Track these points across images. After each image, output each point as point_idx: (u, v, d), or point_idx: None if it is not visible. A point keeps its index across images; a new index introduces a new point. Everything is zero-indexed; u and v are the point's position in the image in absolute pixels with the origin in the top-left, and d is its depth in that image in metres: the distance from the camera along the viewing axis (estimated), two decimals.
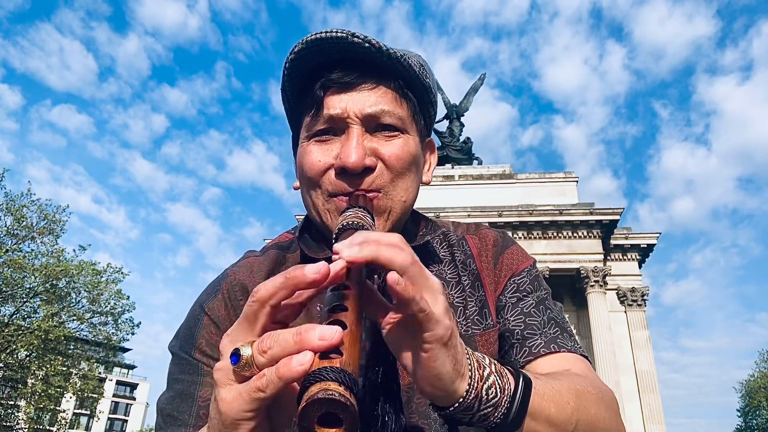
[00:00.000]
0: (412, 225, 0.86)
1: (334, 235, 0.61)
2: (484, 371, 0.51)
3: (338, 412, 0.37)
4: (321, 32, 0.68)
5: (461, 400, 0.50)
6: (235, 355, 0.43)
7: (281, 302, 0.44)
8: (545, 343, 0.74)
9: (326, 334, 0.40)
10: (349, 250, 0.45)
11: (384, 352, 0.68)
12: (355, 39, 0.67)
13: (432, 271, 0.74)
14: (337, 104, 0.70)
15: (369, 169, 0.70)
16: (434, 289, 0.48)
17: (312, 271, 0.43)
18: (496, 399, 0.51)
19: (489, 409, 0.51)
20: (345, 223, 0.61)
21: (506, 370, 0.54)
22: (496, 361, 0.54)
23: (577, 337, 0.78)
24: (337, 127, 0.71)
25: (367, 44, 0.67)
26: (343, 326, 0.42)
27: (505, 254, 0.84)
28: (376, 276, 0.56)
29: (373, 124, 0.71)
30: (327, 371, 0.38)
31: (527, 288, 0.80)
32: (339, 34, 0.67)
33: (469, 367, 0.50)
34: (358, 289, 0.46)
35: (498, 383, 0.52)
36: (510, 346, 0.76)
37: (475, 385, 0.50)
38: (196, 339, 0.75)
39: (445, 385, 0.48)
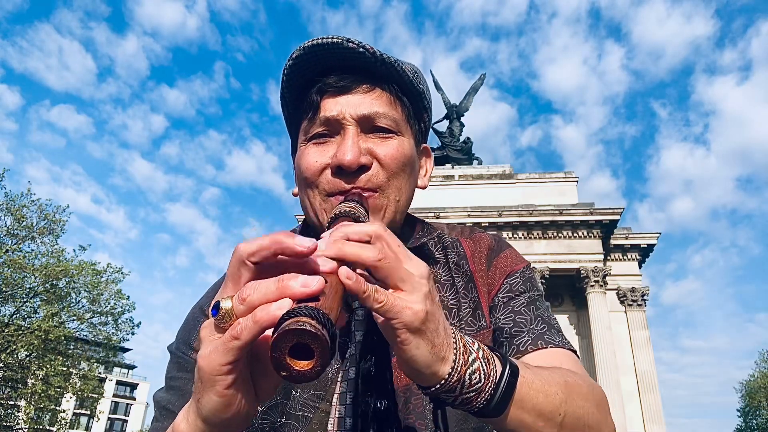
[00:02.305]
0: (408, 227, 0.87)
1: (327, 224, 0.63)
2: (469, 356, 0.52)
3: (309, 342, 0.37)
4: (318, 39, 0.70)
5: (443, 382, 0.50)
6: (215, 308, 0.43)
7: (264, 262, 0.44)
8: (532, 339, 0.74)
9: (308, 281, 0.40)
10: (320, 243, 0.46)
11: (377, 348, 0.69)
12: (350, 44, 0.70)
13: None
14: (333, 107, 0.72)
15: (364, 168, 0.71)
16: (410, 278, 0.48)
17: (302, 243, 0.43)
18: (480, 384, 0.51)
19: (471, 394, 0.51)
20: (337, 212, 0.62)
21: (494, 357, 0.54)
22: (486, 348, 0.55)
23: (565, 335, 0.78)
24: (334, 129, 0.73)
25: (361, 49, 0.70)
26: (325, 280, 0.43)
27: (500, 257, 0.85)
28: None
29: (368, 126, 0.73)
30: (301, 309, 0.39)
31: (519, 288, 0.81)
32: (335, 40, 0.69)
33: (454, 350, 0.51)
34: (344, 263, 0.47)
35: (483, 369, 0.52)
36: (499, 344, 0.77)
37: (459, 368, 0.51)
38: (194, 339, 0.77)
39: (421, 368, 0.49)
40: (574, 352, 0.76)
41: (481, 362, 0.52)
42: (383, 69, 0.73)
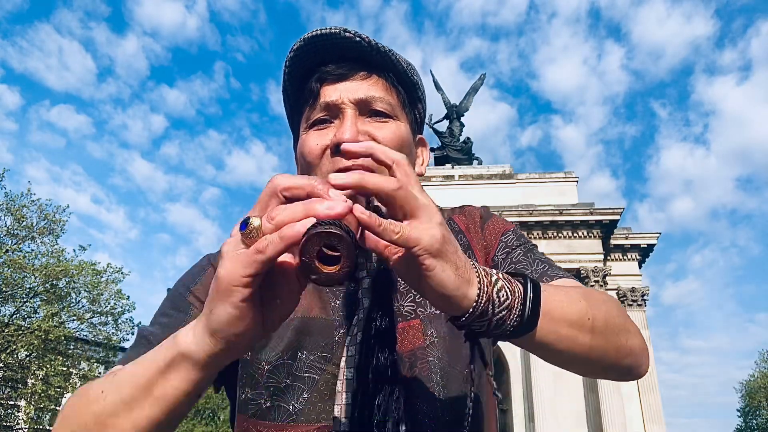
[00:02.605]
0: None
1: None
2: (492, 277, 0.53)
3: (335, 243, 0.41)
4: (317, 30, 0.75)
5: (474, 305, 0.51)
6: (244, 223, 0.45)
7: (294, 198, 0.47)
8: (537, 277, 0.76)
9: (333, 205, 0.44)
10: (336, 175, 0.48)
11: (383, 313, 0.70)
12: (347, 34, 0.74)
13: None
14: (332, 93, 0.76)
15: None
16: (425, 208, 0.50)
17: (335, 195, 0.46)
18: (509, 300, 0.53)
19: (504, 312, 0.52)
20: None
21: (514, 276, 0.56)
22: (501, 271, 0.56)
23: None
24: (333, 114, 0.76)
25: (358, 39, 0.74)
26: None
27: (490, 222, 0.89)
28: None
29: (366, 110, 0.76)
30: (326, 222, 0.42)
31: (514, 242, 0.85)
32: (333, 31, 0.74)
33: (476, 273, 0.52)
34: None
35: (507, 286, 0.53)
36: None
37: (486, 289, 0.52)
38: (195, 283, 0.80)
39: (451, 291, 0.50)
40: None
41: (503, 281, 0.54)
42: (378, 58, 0.77)
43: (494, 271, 0.55)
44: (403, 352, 0.73)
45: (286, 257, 0.45)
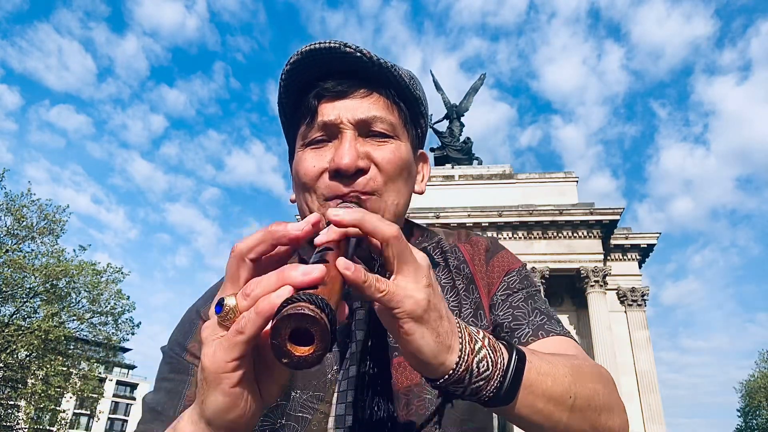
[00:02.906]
0: (407, 233, 0.87)
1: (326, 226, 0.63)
2: (475, 345, 0.51)
3: (308, 326, 0.37)
4: (315, 43, 0.71)
5: (450, 372, 0.50)
6: (219, 305, 0.43)
7: (262, 257, 0.45)
8: (533, 331, 0.75)
9: (308, 269, 0.41)
10: (335, 210, 0.47)
11: (377, 348, 0.69)
12: (347, 49, 0.70)
13: None
14: (330, 111, 0.73)
15: (362, 171, 0.71)
16: (416, 265, 0.48)
17: (295, 227, 0.44)
18: (488, 372, 0.51)
19: (481, 383, 0.51)
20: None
21: (500, 345, 0.54)
22: (490, 336, 0.54)
23: (566, 327, 0.79)
24: (331, 133, 0.73)
25: (358, 54, 0.71)
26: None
27: (496, 257, 0.86)
28: (375, 262, 0.56)
29: (365, 130, 0.74)
30: (300, 295, 0.39)
31: (517, 285, 0.82)
32: (332, 45, 0.70)
33: (460, 339, 0.50)
34: (344, 254, 0.47)
35: (490, 356, 0.52)
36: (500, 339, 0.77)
37: (466, 358, 0.50)
38: (189, 341, 0.76)
39: (427, 359, 0.48)
40: (575, 340, 0.76)
41: (487, 350, 0.52)
42: (380, 73, 0.73)
43: (481, 335, 0.53)
44: (399, 389, 0.70)
45: (269, 327, 0.41)
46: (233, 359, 0.42)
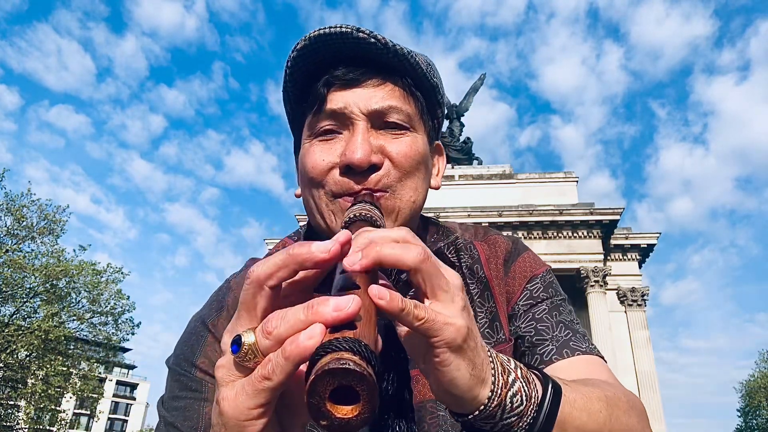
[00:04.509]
0: (422, 230, 0.82)
1: (341, 230, 0.59)
2: (509, 377, 0.47)
3: (354, 384, 0.31)
4: (325, 28, 0.65)
5: (482, 407, 0.45)
6: (236, 343, 0.37)
7: (282, 284, 0.40)
8: (557, 348, 0.70)
9: (342, 304, 0.35)
10: (350, 258, 0.40)
11: (395, 360, 0.64)
12: (361, 34, 0.64)
13: None
14: (340, 100, 0.67)
15: (375, 167, 0.66)
16: (449, 288, 0.43)
17: (321, 249, 0.38)
18: (522, 407, 0.46)
19: (513, 419, 0.46)
20: (352, 216, 0.57)
21: (533, 375, 0.50)
22: (522, 366, 0.50)
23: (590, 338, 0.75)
24: (342, 124, 0.68)
25: (372, 39, 0.65)
26: None
27: (518, 262, 0.80)
28: (392, 271, 0.50)
29: (379, 122, 0.68)
30: (340, 341, 0.33)
31: (541, 295, 0.76)
32: (344, 29, 0.64)
33: (492, 372, 0.46)
34: (371, 279, 0.41)
35: (524, 390, 0.47)
36: (521, 353, 0.72)
37: (499, 392, 0.45)
38: (198, 357, 0.71)
39: (461, 392, 0.44)
40: (602, 357, 0.72)
41: (521, 382, 0.47)
42: (395, 61, 0.67)
43: (513, 365, 0.48)
44: (412, 405, 0.65)
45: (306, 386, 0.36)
46: (258, 406, 0.37)
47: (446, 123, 24.13)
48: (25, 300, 17.26)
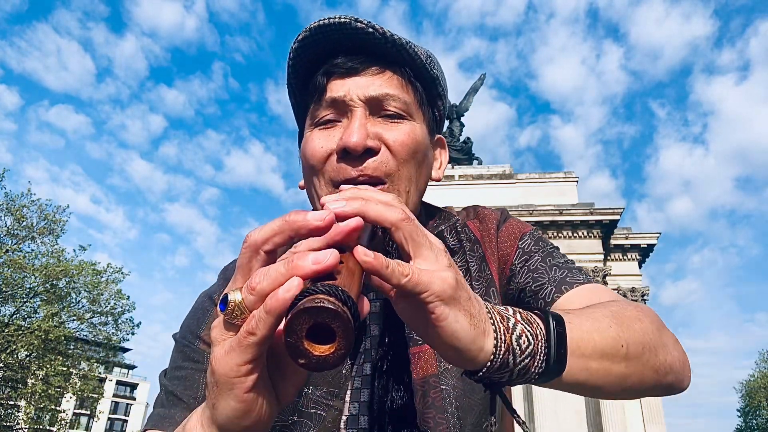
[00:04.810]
0: (424, 217, 0.83)
1: None
2: (509, 322, 0.47)
3: (329, 321, 0.33)
4: (325, 18, 0.67)
5: (492, 357, 0.45)
6: (223, 302, 0.39)
7: (277, 250, 0.41)
8: (555, 287, 0.71)
9: (320, 257, 0.37)
10: (335, 203, 0.42)
11: (393, 341, 0.67)
12: (359, 24, 0.66)
13: None
14: (339, 88, 0.69)
15: (372, 152, 0.67)
16: (431, 245, 0.45)
17: (316, 217, 0.40)
18: (531, 347, 0.47)
19: (527, 360, 0.47)
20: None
21: (533, 315, 0.50)
22: (519, 309, 0.50)
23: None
24: (341, 111, 0.69)
25: (371, 29, 0.66)
26: (340, 264, 0.39)
27: (505, 226, 0.83)
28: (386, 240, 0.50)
29: (377, 109, 0.69)
30: (317, 286, 0.34)
31: (532, 248, 0.79)
32: (342, 20, 0.66)
33: (491, 320, 0.46)
34: (358, 242, 0.43)
35: (528, 330, 0.47)
36: (525, 305, 0.72)
37: (503, 337, 0.46)
38: (202, 329, 0.74)
39: (466, 344, 0.44)
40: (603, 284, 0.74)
41: (522, 324, 0.48)
42: (394, 51, 0.69)
43: (510, 311, 0.49)
44: (415, 380, 0.67)
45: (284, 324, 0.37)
46: (245, 362, 0.38)
47: (446, 123, 24.11)
48: (25, 300, 17.27)
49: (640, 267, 19.12)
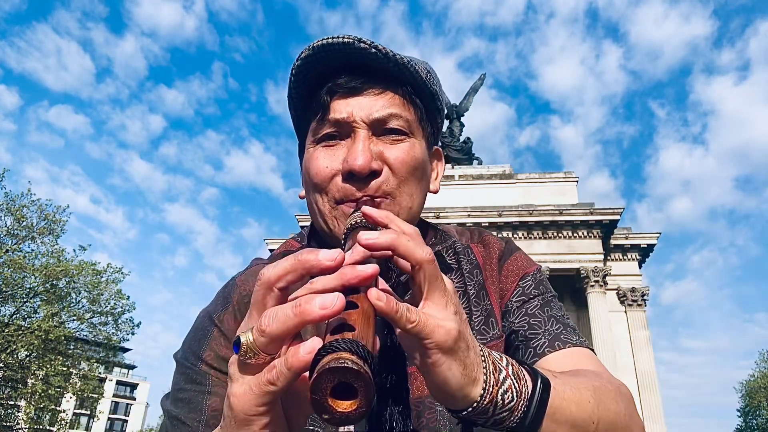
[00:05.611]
0: (422, 233, 0.84)
1: (343, 236, 0.61)
2: (500, 375, 0.50)
3: (352, 381, 0.35)
4: (328, 38, 0.68)
5: (474, 405, 0.48)
6: (236, 344, 0.41)
7: (290, 287, 0.43)
8: (549, 341, 0.73)
9: (327, 301, 0.38)
10: (368, 234, 0.44)
11: (394, 358, 0.67)
12: (362, 45, 0.68)
13: None
14: (343, 108, 0.70)
15: (375, 173, 0.69)
16: (444, 292, 0.47)
17: (327, 257, 0.42)
18: (513, 403, 0.49)
19: (504, 414, 0.49)
20: (353, 223, 0.60)
21: (524, 371, 0.52)
22: (513, 362, 0.53)
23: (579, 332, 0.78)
24: (344, 131, 0.71)
25: (374, 50, 0.68)
26: (354, 306, 0.41)
27: (510, 261, 0.84)
28: (392, 273, 0.53)
29: (379, 129, 0.71)
30: (339, 342, 0.37)
31: (532, 291, 0.80)
32: (346, 40, 0.67)
33: (484, 371, 0.49)
34: (371, 283, 0.45)
35: (515, 387, 0.50)
36: (515, 348, 0.75)
37: (490, 389, 0.48)
38: (204, 350, 0.74)
39: (453, 391, 0.47)
40: (591, 349, 0.75)
41: (512, 379, 0.50)
42: (396, 70, 0.71)
43: (505, 362, 0.51)
44: (411, 399, 0.69)
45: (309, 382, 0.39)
46: (263, 404, 0.41)
47: (446, 123, 24.14)
48: (25, 300, 17.28)
49: (640, 267, 19.11)
